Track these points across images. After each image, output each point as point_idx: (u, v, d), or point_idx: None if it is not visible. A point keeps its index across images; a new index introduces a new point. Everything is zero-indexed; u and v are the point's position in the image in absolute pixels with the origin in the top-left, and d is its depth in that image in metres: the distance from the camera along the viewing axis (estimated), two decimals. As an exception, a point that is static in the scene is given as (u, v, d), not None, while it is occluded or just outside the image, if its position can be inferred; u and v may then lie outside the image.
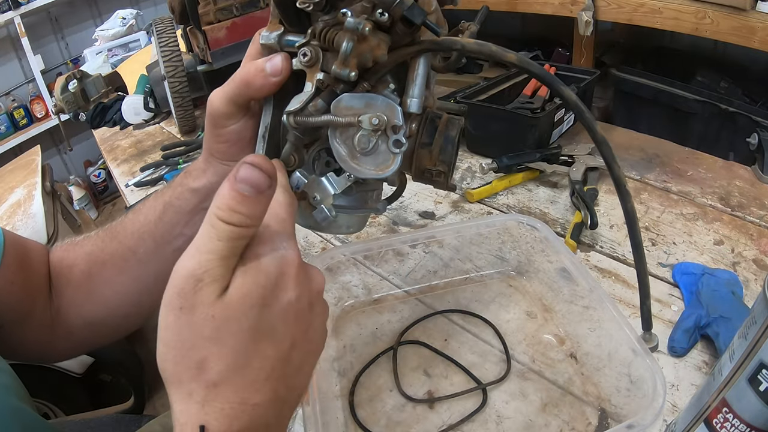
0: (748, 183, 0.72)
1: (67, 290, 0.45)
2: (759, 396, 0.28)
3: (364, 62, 0.32)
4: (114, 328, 0.48)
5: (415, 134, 0.36)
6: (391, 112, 0.33)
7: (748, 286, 0.54)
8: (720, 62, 1.39)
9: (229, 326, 0.25)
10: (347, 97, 0.33)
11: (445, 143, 0.37)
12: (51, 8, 2.58)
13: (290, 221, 0.31)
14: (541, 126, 0.80)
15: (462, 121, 0.38)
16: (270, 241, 0.28)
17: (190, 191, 0.42)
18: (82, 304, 0.45)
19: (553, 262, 0.53)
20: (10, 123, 2.55)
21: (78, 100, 1.39)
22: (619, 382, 0.43)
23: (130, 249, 0.44)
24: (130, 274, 0.44)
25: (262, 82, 0.34)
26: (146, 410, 1.46)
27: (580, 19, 1.15)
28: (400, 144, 0.33)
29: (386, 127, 0.33)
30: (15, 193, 1.40)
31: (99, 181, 2.89)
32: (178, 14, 1.06)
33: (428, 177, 0.38)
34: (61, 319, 0.45)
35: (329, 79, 0.33)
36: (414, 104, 0.34)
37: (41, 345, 0.45)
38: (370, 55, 0.31)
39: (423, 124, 0.37)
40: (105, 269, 0.44)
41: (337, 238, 0.72)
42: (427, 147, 0.36)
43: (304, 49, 0.33)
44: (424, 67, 0.34)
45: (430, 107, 0.38)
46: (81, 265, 0.45)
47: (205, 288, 0.25)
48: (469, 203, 0.76)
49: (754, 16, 0.89)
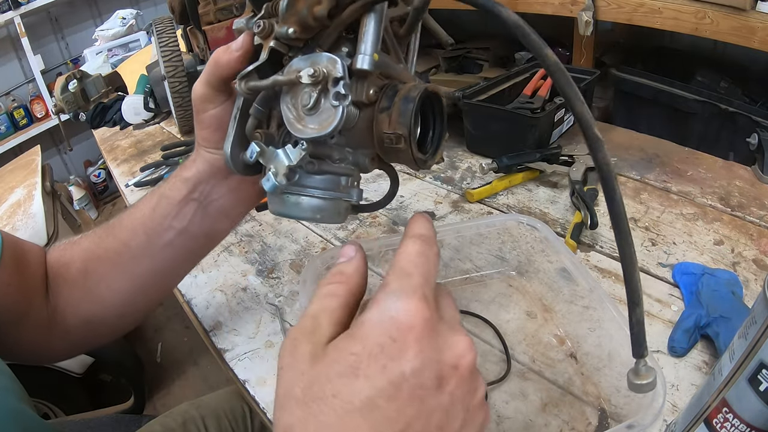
0: (748, 183, 0.72)
1: (64, 289, 0.45)
2: (759, 396, 0.28)
3: (304, 19, 0.32)
4: (110, 327, 0.48)
5: (376, 101, 0.35)
6: (332, 66, 0.32)
7: (748, 286, 0.54)
8: (720, 62, 1.39)
9: (312, 390, 0.23)
10: (296, 60, 0.33)
11: (404, 104, 0.33)
12: (51, 8, 2.58)
13: (420, 277, 0.25)
14: (541, 126, 0.80)
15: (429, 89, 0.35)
16: (380, 301, 0.25)
17: (181, 181, 0.43)
18: (79, 303, 0.45)
19: (553, 262, 0.53)
20: (10, 123, 2.55)
21: (78, 100, 1.39)
22: (619, 382, 0.43)
23: (123, 243, 0.44)
24: (123, 269, 0.45)
25: (227, 57, 0.36)
26: (146, 410, 1.46)
27: (580, 19, 1.15)
28: (339, 95, 0.32)
29: (328, 80, 0.32)
30: (15, 193, 1.40)
31: (99, 181, 2.89)
32: (178, 14, 1.06)
33: (389, 145, 0.35)
34: (58, 318, 0.45)
35: (280, 45, 0.34)
36: (364, 60, 0.32)
37: (38, 345, 0.45)
38: (307, 11, 0.31)
39: (384, 91, 0.35)
40: (101, 265, 0.45)
41: (336, 237, 0.72)
42: (386, 111, 0.34)
43: (258, 21, 0.34)
44: (374, 23, 0.33)
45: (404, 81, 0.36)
46: (77, 263, 0.45)
47: (300, 347, 0.25)
48: (469, 203, 0.76)
49: (754, 16, 0.89)
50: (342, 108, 0.32)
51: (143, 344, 1.78)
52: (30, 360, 0.41)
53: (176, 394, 1.58)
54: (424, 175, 0.85)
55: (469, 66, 1.92)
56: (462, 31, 2.03)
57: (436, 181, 0.83)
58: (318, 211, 0.37)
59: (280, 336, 0.56)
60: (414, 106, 0.33)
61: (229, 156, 0.38)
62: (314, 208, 0.37)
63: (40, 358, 0.44)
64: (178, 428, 0.64)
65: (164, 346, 1.77)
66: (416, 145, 0.34)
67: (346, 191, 0.38)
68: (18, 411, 0.37)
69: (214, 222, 0.45)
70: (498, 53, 1.88)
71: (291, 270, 0.67)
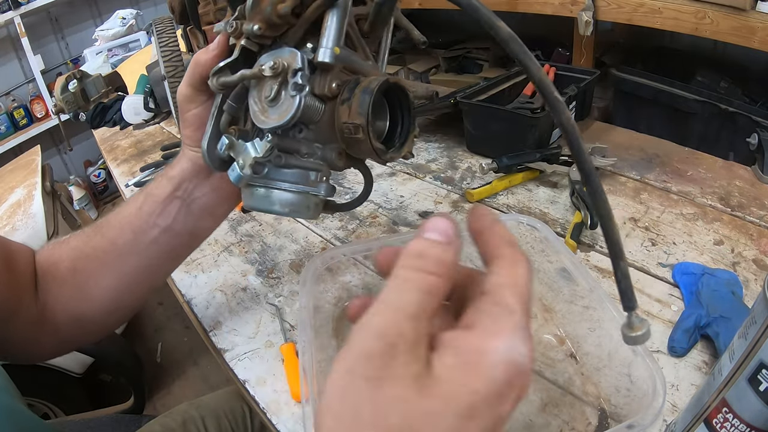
0: (748, 183, 0.72)
1: (53, 287, 0.46)
2: (759, 396, 0.28)
3: (268, 16, 0.33)
4: (98, 325, 0.49)
5: (339, 93, 0.36)
6: (292, 58, 0.34)
7: (748, 286, 0.54)
8: (720, 62, 1.39)
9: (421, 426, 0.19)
10: (264, 56, 0.35)
11: (363, 95, 0.34)
12: (51, 8, 2.58)
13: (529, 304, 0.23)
14: (541, 126, 0.80)
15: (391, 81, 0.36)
16: (507, 330, 0.21)
17: (167, 179, 0.44)
18: (68, 300, 0.46)
19: (553, 262, 0.53)
20: (10, 123, 2.55)
21: (78, 100, 1.39)
22: (619, 382, 0.43)
23: (111, 241, 0.45)
24: (111, 267, 0.45)
25: (205, 57, 0.38)
26: (146, 410, 1.46)
27: (580, 19, 1.15)
28: (296, 86, 0.33)
29: (287, 72, 0.34)
30: (15, 193, 1.40)
31: (99, 181, 2.89)
32: (178, 14, 1.06)
33: (348, 135, 0.35)
34: (47, 316, 0.45)
35: (251, 44, 0.35)
36: (325, 54, 0.33)
37: (28, 343, 0.45)
38: (271, 9, 0.33)
39: (346, 84, 0.36)
40: (89, 263, 0.45)
41: (336, 237, 0.72)
42: (347, 102, 0.35)
43: (231, 22, 0.35)
44: (335, 18, 0.34)
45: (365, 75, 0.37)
46: (66, 261, 0.46)
47: (400, 358, 0.20)
48: (469, 203, 0.76)
49: (754, 16, 0.89)
50: (299, 98, 0.33)
51: (143, 344, 1.78)
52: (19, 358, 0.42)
53: (176, 394, 1.58)
54: (424, 174, 0.85)
55: (469, 66, 1.92)
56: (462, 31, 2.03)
57: (436, 181, 0.83)
58: (286, 205, 0.38)
59: (280, 336, 0.56)
60: (371, 96, 0.34)
61: (205, 151, 0.40)
62: (282, 202, 0.38)
63: (30, 357, 0.45)
64: (178, 428, 0.65)
65: (164, 346, 1.77)
66: (375, 135, 0.35)
67: (314, 185, 0.38)
68: (13, 409, 0.38)
69: (198, 220, 0.46)
70: (498, 53, 1.88)
71: (291, 270, 0.67)
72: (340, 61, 0.34)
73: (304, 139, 0.38)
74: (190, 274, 0.69)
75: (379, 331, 0.20)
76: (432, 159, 0.89)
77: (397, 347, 0.20)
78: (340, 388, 0.20)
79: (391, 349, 0.20)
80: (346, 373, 0.20)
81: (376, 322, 0.21)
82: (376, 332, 0.20)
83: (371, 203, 0.79)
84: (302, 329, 0.43)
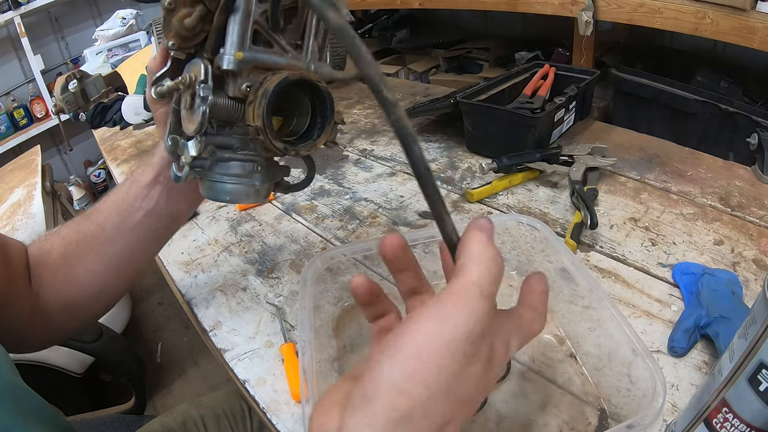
0: (748, 183, 0.72)
1: (45, 274, 0.48)
2: (759, 396, 0.28)
3: (178, 31, 0.35)
4: (87, 310, 0.52)
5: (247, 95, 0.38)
6: (198, 69, 0.36)
7: (748, 286, 0.54)
8: (720, 62, 1.39)
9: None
10: (186, 65, 0.38)
11: (261, 98, 0.36)
12: (51, 8, 2.58)
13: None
14: (541, 126, 0.80)
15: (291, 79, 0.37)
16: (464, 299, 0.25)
17: (150, 166, 0.48)
18: (59, 287, 0.48)
19: (553, 262, 0.53)
20: (10, 123, 2.55)
21: (78, 100, 1.39)
22: (619, 382, 0.43)
23: (99, 225, 0.48)
24: (99, 251, 0.48)
25: (152, 65, 0.41)
26: (147, 411, 1.46)
27: (580, 19, 1.15)
28: (200, 97, 0.36)
29: (195, 84, 0.36)
30: (15, 193, 1.40)
31: (99, 181, 2.90)
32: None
33: (254, 137, 0.38)
34: (40, 304, 0.47)
35: (178, 53, 0.37)
36: (227, 61, 0.35)
37: (19, 333, 0.46)
38: (179, 24, 0.35)
39: (253, 86, 0.37)
40: (78, 249, 0.48)
41: (336, 237, 0.72)
42: (252, 104, 0.37)
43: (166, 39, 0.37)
44: (235, 24, 0.35)
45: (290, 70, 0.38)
46: (58, 249, 0.49)
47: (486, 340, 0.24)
48: (469, 203, 0.76)
49: (754, 16, 0.89)
50: (202, 109, 0.36)
51: (143, 344, 1.78)
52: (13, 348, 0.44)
53: (176, 394, 1.58)
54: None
55: (469, 66, 1.92)
56: (462, 31, 2.03)
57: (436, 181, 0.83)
58: (226, 194, 0.42)
59: (280, 336, 0.56)
60: (267, 99, 0.36)
61: (168, 146, 0.42)
62: (223, 191, 0.42)
63: (20, 347, 0.47)
64: (178, 428, 0.65)
65: (164, 346, 1.77)
66: (273, 136, 0.37)
67: (249, 176, 0.42)
68: (11, 382, 0.39)
69: (177, 203, 0.50)
70: (498, 53, 1.89)
71: (291, 270, 0.67)
72: (246, 64, 0.36)
73: (236, 135, 0.40)
74: (190, 274, 0.69)
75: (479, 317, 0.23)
76: (432, 159, 0.89)
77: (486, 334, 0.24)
78: (435, 362, 0.22)
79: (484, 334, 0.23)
80: (446, 349, 0.22)
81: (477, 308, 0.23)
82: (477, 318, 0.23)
83: (371, 203, 0.79)
84: (302, 329, 0.43)
